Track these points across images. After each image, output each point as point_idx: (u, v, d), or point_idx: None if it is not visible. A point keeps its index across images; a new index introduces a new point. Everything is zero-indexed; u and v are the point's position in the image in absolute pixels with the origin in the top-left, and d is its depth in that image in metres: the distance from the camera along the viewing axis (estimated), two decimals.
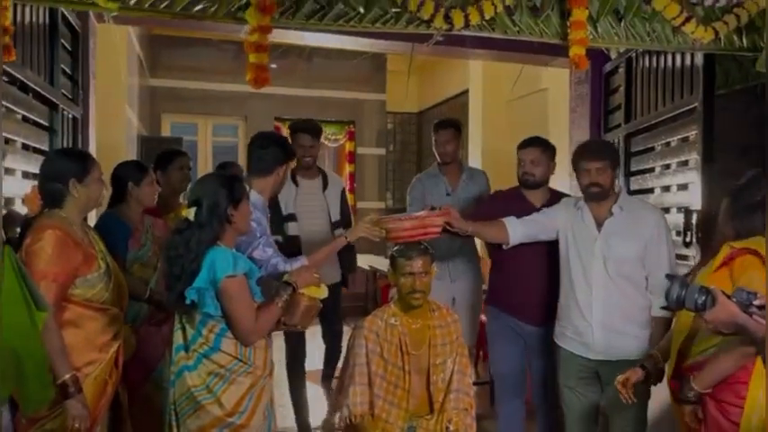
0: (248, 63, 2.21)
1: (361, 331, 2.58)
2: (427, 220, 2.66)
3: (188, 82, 8.37)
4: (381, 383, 2.53)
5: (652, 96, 3.59)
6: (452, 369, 2.60)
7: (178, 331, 2.15)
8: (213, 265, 2.04)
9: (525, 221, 2.89)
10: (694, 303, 1.68)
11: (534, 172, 3.10)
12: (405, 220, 2.66)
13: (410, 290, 2.52)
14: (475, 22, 2.42)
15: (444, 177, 3.77)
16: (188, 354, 2.11)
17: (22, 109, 2.70)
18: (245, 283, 2.10)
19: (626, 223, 2.69)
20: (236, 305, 2.06)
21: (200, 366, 2.09)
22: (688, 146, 3.21)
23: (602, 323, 2.69)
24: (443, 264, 3.56)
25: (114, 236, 2.74)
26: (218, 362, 2.09)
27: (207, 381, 2.08)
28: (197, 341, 2.10)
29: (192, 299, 2.05)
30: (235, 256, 2.09)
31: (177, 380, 2.12)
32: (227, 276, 2.03)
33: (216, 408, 2.07)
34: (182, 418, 2.10)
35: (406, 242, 2.61)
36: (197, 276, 2.04)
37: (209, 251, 2.07)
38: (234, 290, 2.05)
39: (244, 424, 2.10)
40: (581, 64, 2.53)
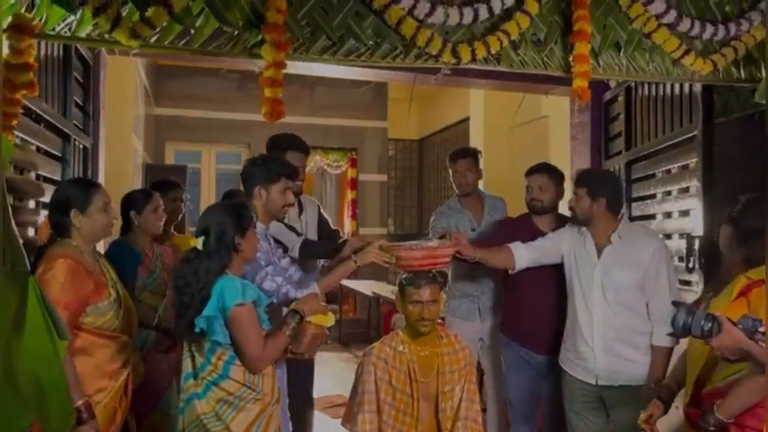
0: (263, 97, 2.27)
1: (369, 358, 2.59)
2: (438, 250, 2.68)
3: (192, 110, 8.48)
4: (390, 411, 2.54)
5: (652, 124, 3.65)
6: (461, 396, 2.60)
7: (187, 359, 2.16)
8: (222, 293, 2.07)
9: (530, 246, 2.94)
10: (701, 330, 1.72)
11: (542, 198, 3.14)
12: (416, 249, 2.66)
13: (418, 318, 2.54)
14: (481, 56, 2.49)
15: (467, 211, 3.61)
16: (197, 381, 2.12)
17: (37, 140, 2.77)
18: (254, 311, 2.12)
19: (625, 252, 2.72)
20: (245, 333, 2.08)
21: (210, 394, 2.11)
22: (688, 173, 3.27)
23: (603, 348, 2.71)
24: (473, 303, 3.54)
25: (124, 263, 2.77)
26: (227, 389, 2.11)
27: (216, 408, 2.10)
28: (206, 369, 2.12)
29: (202, 327, 2.07)
30: (243, 285, 2.12)
31: (186, 407, 2.13)
32: (236, 305, 2.05)
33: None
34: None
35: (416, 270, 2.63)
36: (206, 305, 2.07)
37: (219, 280, 2.10)
38: (242, 318, 2.07)
39: None
40: (584, 96, 2.59)
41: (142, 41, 2.20)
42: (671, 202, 3.47)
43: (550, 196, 3.16)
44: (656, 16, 2.69)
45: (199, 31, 2.28)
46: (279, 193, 2.52)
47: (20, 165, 2.56)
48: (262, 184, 2.52)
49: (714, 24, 2.77)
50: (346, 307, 8.59)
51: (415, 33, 2.44)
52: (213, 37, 2.30)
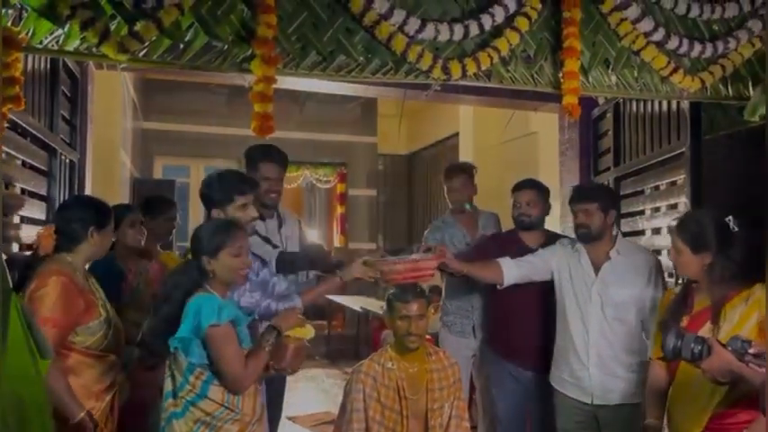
0: (253, 112, 2.25)
1: (358, 376, 2.57)
2: (421, 263, 2.67)
3: (181, 125, 8.46)
4: (379, 429, 2.51)
5: (640, 141, 3.68)
6: (450, 413, 2.58)
7: (168, 378, 2.13)
8: (198, 313, 2.03)
9: (519, 262, 2.92)
10: (690, 353, 1.73)
11: (530, 213, 3.14)
12: (399, 263, 2.65)
13: (405, 333, 2.53)
14: (471, 72, 2.49)
15: (461, 226, 3.57)
16: (176, 401, 2.10)
17: (23, 154, 2.74)
18: (231, 331, 2.07)
19: (623, 267, 2.74)
20: (223, 354, 2.04)
21: (188, 414, 2.08)
22: (677, 189, 3.28)
23: (598, 366, 2.70)
24: (467, 319, 3.51)
25: (107, 280, 2.70)
26: (204, 409, 2.08)
27: (194, 429, 2.07)
28: (184, 388, 2.09)
29: (176, 347, 2.05)
30: (221, 305, 2.07)
31: (167, 427, 2.10)
32: (211, 326, 2.01)
33: None
34: None
35: (401, 284, 2.62)
36: (177, 323, 2.04)
37: (196, 298, 2.07)
38: (219, 339, 2.03)
39: None
40: (574, 112, 2.60)
41: (130, 55, 2.19)
42: (659, 218, 3.48)
43: (538, 212, 3.16)
44: (644, 34, 2.71)
45: (188, 45, 2.27)
46: (237, 210, 2.40)
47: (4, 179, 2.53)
48: (217, 207, 2.42)
49: (702, 42, 2.79)
50: (335, 322, 8.53)
51: (406, 49, 2.44)
52: (203, 51, 2.29)
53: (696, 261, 2.14)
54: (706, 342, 1.72)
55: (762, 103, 2.40)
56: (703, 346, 1.71)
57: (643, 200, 3.68)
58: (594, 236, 2.76)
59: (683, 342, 1.74)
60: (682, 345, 1.74)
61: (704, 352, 1.71)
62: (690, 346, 1.72)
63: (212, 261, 2.11)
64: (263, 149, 3.01)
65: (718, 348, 1.69)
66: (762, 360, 1.65)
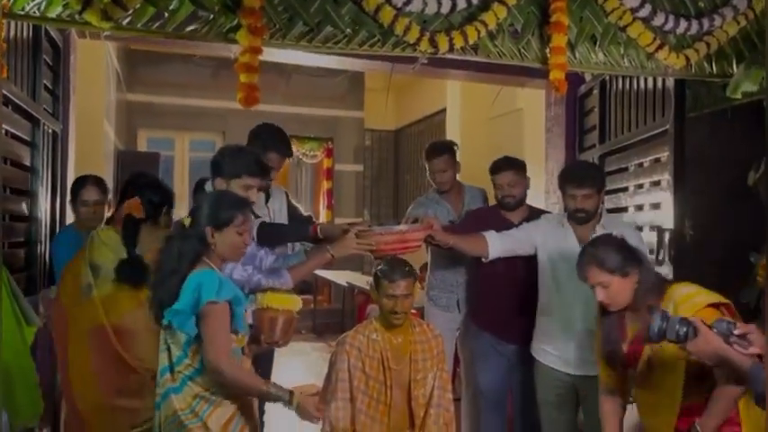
0: (239, 83, 2.23)
1: (343, 347, 2.60)
2: (408, 234, 2.67)
3: (165, 97, 8.35)
4: (363, 398, 2.55)
5: (625, 118, 3.70)
6: (433, 384, 2.62)
7: (163, 352, 2.07)
8: (199, 288, 1.98)
9: (504, 236, 2.95)
10: (676, 335, 1.72)
11: (513, 193, 3.17)
12: (386, 234, 2.64)
13: (391, 310, 2.55)
14: (459, 46, 2.47)
15: (446, 203, 3.56)
16: (173, 375, 2.04)
17: (5, 123, 2.70)
18: (227, 312, 2.03)
19: None
20: (213, 331, 1.99)
21: (186, 389, 2.03)
22: (660, 166, 3.32)
23: (580, 339, 2.75)
24: (452, 294, 3.54)
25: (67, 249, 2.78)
26: (203, 384, 2.03)
27: (192, 404, 2.02)
28: (182, 362, 2.04)
29: (170, 320, 2.00)
30: (221, 282, 2.03)
31: (163, 402, 2.05)
32: (210, 302, 1.97)
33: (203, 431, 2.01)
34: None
35: (389, 257, 2.62)
36: (177, 295, 1.99)
37: (197, 273, 2.02)
38: (213, 316, 1.99)
39: None
40: (561, 88, 2.61)
41: (114, 24, 2.15)
42: (643, 194, 3.52)
43: (520, 189, 3.19)
44: (631, 10, 2.71)
45: (173, 14, 2.22)
46: (239, 188, 2.39)
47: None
48: (224, 177, 2.42)
49: (687, 19, 2.79)
50: (321, 297, 8.57)
51: (393, 21, 2.42)
52: (188, 21, 2.24)
53: (628, 284, 2.10)
54: (691, 324, 1.71)
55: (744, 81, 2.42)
56: (689, 328, 1.71)
57: (627, 177, 3.71)
58: (591, 218, 2.80)
59: (669, 324, 1.73)
60: (667, 326, 1.73)
61: (690, 333, 1.70)
62: (675, 327, 1.72)
63: (216, 234, 2.05)
64: (272, 137, 3.01)
65: (704, 330, 1.68)
66: (746, 342, 1.66)
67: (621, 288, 2.09)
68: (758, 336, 1.66)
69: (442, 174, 3.49)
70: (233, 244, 2.09)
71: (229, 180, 2.40)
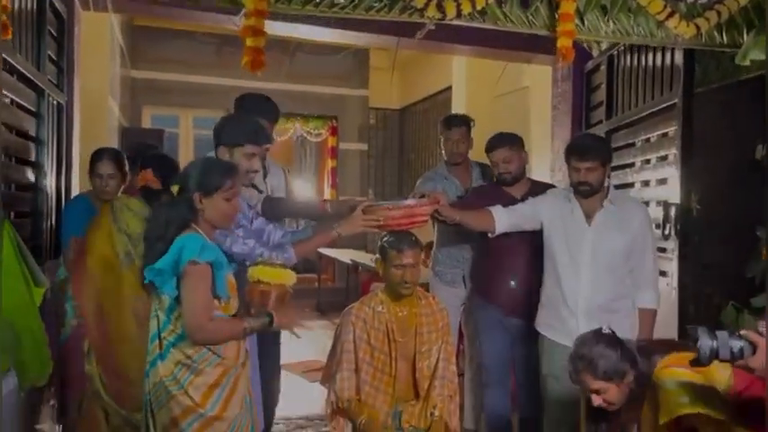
0: (245, 47, 2.21)
1: (348, 318, 2.61)
2: (415, 209, 2.65)
3: (170, 74, 8.31)
4: (368, 369, 2.56)
5: (633, 93, 3.67)
6: (438, 356, 2.63)
7: (153, 319, 2.07)
8: (180, 250, 1.97)
9: (510, 211, 2.94)
10: (730, 352, 1.56)
11: (509, 170, 3.16)
12: (393, 209, 2.62)
13: (400, 281, 2.54)
14: (467, 11, 2.45)
15: (455, 179, 3.56)
16: (160, 342, 2.05)
17: (10, 92, 2.69)
18: (208, 273, 2.00)
19: (616, 217, 2.77)
20: (192, 294, 1.97)
21: (169, 356, 2.03)
22: (667, 141, 3.29)
23: (586, 312, 2.75)
24: (457, 269, 3.55)
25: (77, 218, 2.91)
26: (184, 351, 2.02)
27: (174, 371, 2.02)
28: (167, 328, 2.04)
29: (151, 279, 1.99)
30: (204, 245, 2.01)
31: (151, 370, 2.06)
32: (190, 262, 1.96)
33: (185, 398, 2.01)
34: (156, 409, 2.04)
35: (395, 231, 2.62)
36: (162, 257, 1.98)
37: (181, 237, 2.00)
38: (193, 277, 1.97)
39: (217, 416, 2.03)
40: (568, 55, 2.58)
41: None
42: (649, 170, 3.50)
43: (516, 165, 3.18)
44: None
45: None
46: (242, 157, 2.39)
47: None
48: (227, 145, 2.41)
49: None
50: (325, 275, 8.60)
51: None
52: None
53: (623, 389, 2.01)
54: (743, 338, 1.56)
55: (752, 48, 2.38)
56: (744, 343, 1.55)
57: (634, 152, 3.69)
58: (596, 191, 2.78)
59: (719, 341, 1.56)
60: (719, 344, 1.56)
61: (745, 349, 1.55)
62: (728, 344, 1.55)
63: (204, 200, 2.05)
64: (255, 102, 2.95)
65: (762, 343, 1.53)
66: None
67: (619, 393, 2.01)
68: None
69: (457, 145, 3.50)
70: (221, 210, 2.08)
71: (232, 149, 2.39)
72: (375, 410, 2.53)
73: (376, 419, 2.52)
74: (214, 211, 2.07)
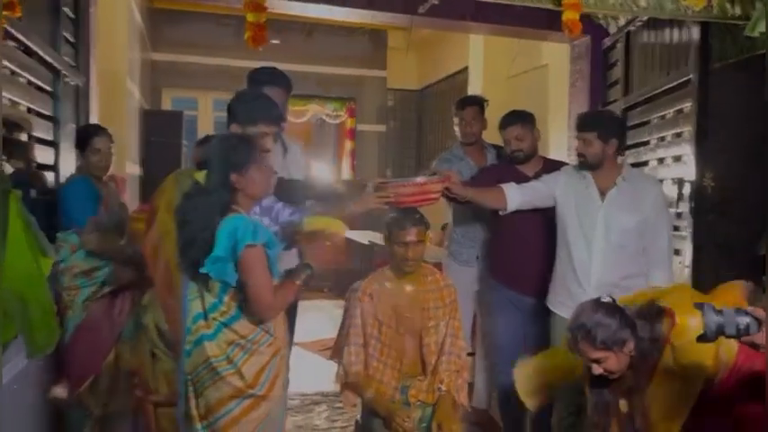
0: (247, 23, 2.22)
1: (356, 294, 2.63)
2: (427, 185, 2.65)
3: (189, 56, 8.36)
4: (376, 344, 2.58)
5: (649, 70, 3.62)
6: (445, 332, 2.64)
7: (194, 299, 2.04)
8: (235, 233, 1.94)
9: (523, 188, 2.93)
10: (736, 328, 1.55)
11: (522, 147, 3.14)
12: (405, 185, 2.63)
13: (403, 258, 2.56)
14: None
15: (470, 159, 3.55)
16: (207, 322, 2.02)
17: (27, 73, 2.74)
18: (264, 254, 1.99)
19: (629, 194, 2.75)
20: (255, 277, 1.97)
21: (220, 335, 2.01)
22: (682, 118, 3.25)
23: (597, 290, 2.73)
24: (472, 249, 3.56)
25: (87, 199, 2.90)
26: (238, 331, 2.01)
27: (227, 351, 2.00)
28: (218, 309, 2.01)
29: (208, 270, 1.95)
30: (255, 225, 1.99)
31: (195, 349, 2.03)
32: (247, 246, 1.94)
33: (236, 379, 2.00)
34: (200, 389, 2.03)
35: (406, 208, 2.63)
36: (213, 245, 1.94)
37: (228, 218, 1.97)
38: (253, 260, 1.96)
39: (264, 395, 2.04)
40: (574, 29, 2.55)
41: None
42: (664, 147, 3.46)
43: (529, 143, 3.15)
44: None
45: None
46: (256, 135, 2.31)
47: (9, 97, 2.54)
48: (240, 123, 2.36)
49: None
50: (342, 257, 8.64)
51: None
52: None
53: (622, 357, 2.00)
54: (750, 314, 1.55)
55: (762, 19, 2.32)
56: (750, 319, 1.55)
57: (649, 130, 3.65)
58: (591, 164, 2.75)
59: (725, 317, 1.56)
60: (725, 321, 1.56)
61: (751, 326, 1.54)
62: (734, 320, 1.54)
63: (241, 178, 2.01)
64: (266, 72, 2.90)
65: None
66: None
67: (619, 361, 2.00)
68: None
69: (470, 125, 3.50)
70: (259, 181, 2.05)
71: (245, 127, 2.35)
72: (383, 385, 2.56)
73: (383, 394, 2.55)
74: (252, 185, 2.04)
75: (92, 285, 2.85)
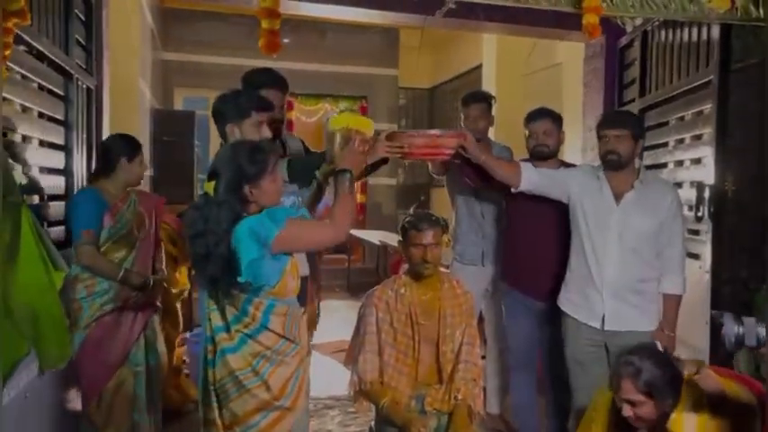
0: (260, 29, 2.20)
1: (371, 300, 2.60)
2: (440, 139, 2.56)
3: (201, 56, 8.37)
4: (391, 352, 2.55)
5: (667, 70, 3.56)
6: (461, 340, 2.61)
7: (213, 312, 2.01)
8: (254, 232, 1.89)
9: (541, 172, 2.86)
10: (756, 339, 1.53)
11: (548, 143, 3.09)
12: (418, 136, 2.54)
13: (420, 261, 2.53)
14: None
15: None
16: (229, 334, 1.98)
17: (39, 77, 2.73)
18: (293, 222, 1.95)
19: (645, 198, 2.70)
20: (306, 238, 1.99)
21: (244, 348, 1.97)
22: (702, 120, 3.19)
23: (612, 294, 2.70)
24: (476, 248, 3.53)
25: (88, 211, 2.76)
26: (264, 342, 1.98)
27: (253, 363, 1.97)
28: (242, 320, 1.98)
29: (247, 278, 1.90)
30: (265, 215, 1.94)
31: (218, 362, 1.99)
32: (277, 236, 1.89)
33: (263, 391, 1.98)
34: (224, 401, 2.00)
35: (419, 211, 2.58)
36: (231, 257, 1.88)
37: (239, 226, 1.91)
38: (290, 235, 1.92)
39: (290, 407, 2.02)
40: (594, 33, 2.50)
41: None
42: (683, 150, 3.40)
43: (554, 141, 3.11)
44: None
45: None
46: (252, 127, 2.28)
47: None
48: (233, 121, 2.30)
49: None
50: (354, 256, 8.64)
51: None
52: None
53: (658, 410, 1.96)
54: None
55: None
56: None
57: (668, 131, 3.58)
58: (623, 163, 2.69)
59: (746, 327, 1.53)
60: (745, 331, 1.53)
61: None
62: (754, 330, 1.52)
63: (255, 190, 1.95)
64: (261, 74, 2.81)
65: None
66: None
67: (652, 412, 1.95)
68: None
69: (476, 121, 3.44)
70: (271, 191, 2.00)
71: (240, 121, 2.29)
72: (398, 393, 2.53)
73: (399, 402, 2.51)
74: (265, 196, 1.98)
75: (92, 302, 2.75)
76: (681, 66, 3.40)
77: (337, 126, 2.31)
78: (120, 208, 2.88)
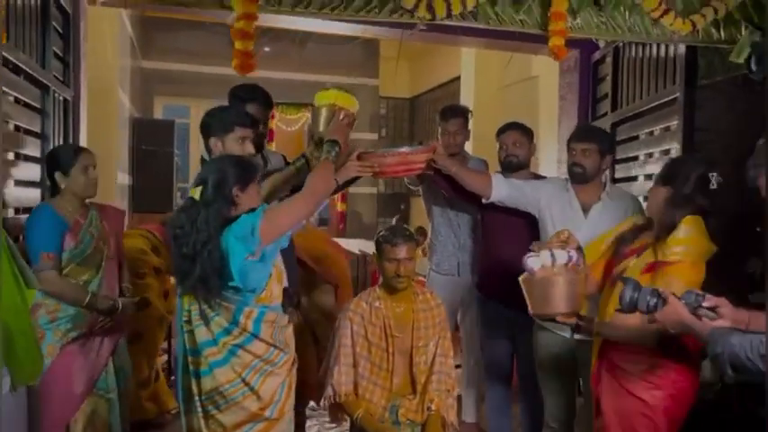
0: (234, 50, 2.24)
1: (346, 313, 2.63)
2: (411, 155, 2.61)
3: (181, 65, 8.37)
4: (365, 364, 2.59)
5: (637, 86, 3.64)
6: (435, 352, 2.65)
7: (200, 327, 2.03)
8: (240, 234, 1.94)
9: (512, 183, 2.92)
10: (646, 306, 1.76)
11: (517, 153, 3.14)
12: (388, 155, 2.58)
13: (394, 275, 2.57)
14: (457, 12, 2.44)
15: None
16: (218, 348, 2.02)
17: (15, 91, 2.73)
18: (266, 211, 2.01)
19: (612, 211, 2.75)
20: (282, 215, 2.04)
21: (233, 359, 2.01)
22: (670, 135, 3.27)
23: None
24: (453, 257, 3.57)
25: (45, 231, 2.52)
26: (254, 352, 2.02)
27: (243, 374, 2.02)
28: (231, 332, 2.01)
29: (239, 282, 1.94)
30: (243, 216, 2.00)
31: (206, 377, 2.02)
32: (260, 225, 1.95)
33: (253, 401, 2.02)
34: (211, 411, 2.04)
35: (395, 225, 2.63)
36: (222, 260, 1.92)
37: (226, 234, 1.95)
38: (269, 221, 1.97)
39: (276, 417, 2.07)
40: (560, 54, 2.57)
41: None
42: (652, 164, 3.48)
43: (524, 152, 3.17)
44: None
45: None
46: (235, 142, 2.32)
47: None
48: (217, 135, 2.35)
49: None
50: None
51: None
52: None
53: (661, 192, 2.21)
54: (661, 296, 1.75)
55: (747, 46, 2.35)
56: (659, 299, 1.75)
57: (638, 145, 3.67)
58: (588, 177, 2.76)
59: (640, 294, 1.76)
60: (638, 297, 1.76)
61: (659, 305, 1.74)
62: (646, 298, 1.75)
63: (242, 195, 2.02)
64: (248, 89, 2.89)
65: (672, 300, 1.72)
66: (714, 314, 1.69)
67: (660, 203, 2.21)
68: (728, 309, 1.69)
69: (454, 136, 3.48)
70: (255, 199, 2.07)
71: (224, 136, 2.34)
72: (372, 405, 2.57)
73: (373, 414, 2.55)
74: (250, 200, 2.05)
75: (55, 328, 2.52)
76: (650, 82, 3.49)
77: (323, 101, 2.44)
78: (82, 225, 2.62)
